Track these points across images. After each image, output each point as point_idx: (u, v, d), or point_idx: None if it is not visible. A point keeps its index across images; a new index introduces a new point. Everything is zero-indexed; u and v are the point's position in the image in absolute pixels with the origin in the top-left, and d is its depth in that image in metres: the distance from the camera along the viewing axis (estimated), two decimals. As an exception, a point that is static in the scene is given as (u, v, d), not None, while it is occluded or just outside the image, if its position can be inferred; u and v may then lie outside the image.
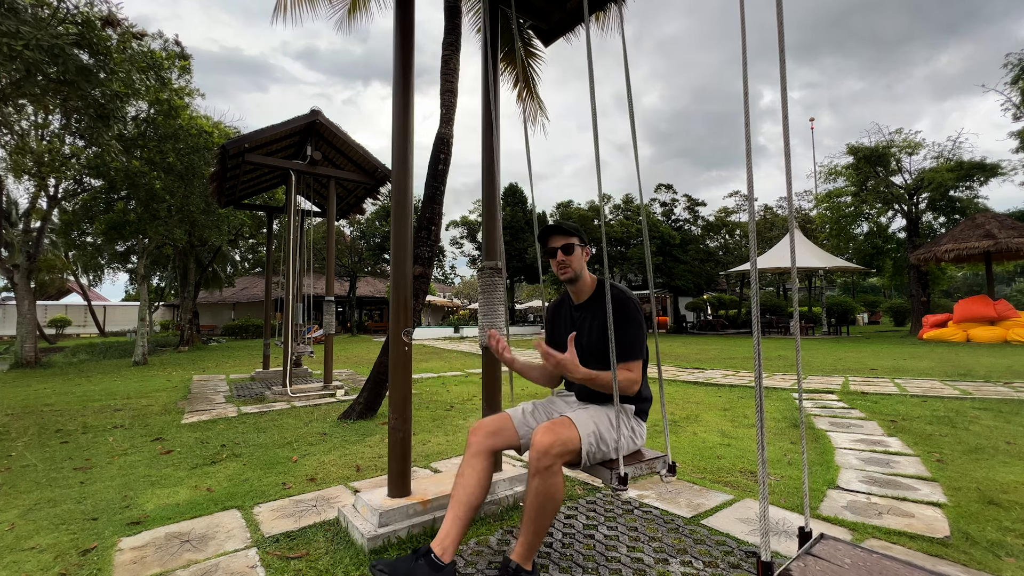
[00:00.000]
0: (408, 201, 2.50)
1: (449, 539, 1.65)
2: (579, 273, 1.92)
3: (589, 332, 1.89)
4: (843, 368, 7.85)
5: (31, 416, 5.16)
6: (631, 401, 1.85)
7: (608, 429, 1.73)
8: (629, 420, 1.82)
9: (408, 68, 2.50)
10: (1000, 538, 2.01)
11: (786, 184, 1.22)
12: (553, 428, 1.63)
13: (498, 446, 1.85)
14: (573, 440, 1.63)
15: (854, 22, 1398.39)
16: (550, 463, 1.56)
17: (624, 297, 1.81)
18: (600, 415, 1.76)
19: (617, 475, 1.60)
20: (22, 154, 8.32)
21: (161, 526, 2.29)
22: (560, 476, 1.60)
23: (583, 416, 1.73)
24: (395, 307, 2.45)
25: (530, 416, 1.94)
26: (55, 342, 21.89)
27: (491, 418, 1.92)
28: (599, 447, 1.69)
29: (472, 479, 1.74)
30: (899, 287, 24.72)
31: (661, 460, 1.79)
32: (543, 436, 1.59)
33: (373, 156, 6.62)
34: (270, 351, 8.31)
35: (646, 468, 1.74)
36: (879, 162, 17.44)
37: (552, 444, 1.57)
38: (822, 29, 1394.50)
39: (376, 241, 26.48)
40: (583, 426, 1.68)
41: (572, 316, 1.99)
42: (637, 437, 1.85)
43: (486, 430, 1.84)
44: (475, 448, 1.81)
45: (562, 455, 1.59)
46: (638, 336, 1.79)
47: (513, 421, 1.91)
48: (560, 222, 1.96)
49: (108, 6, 7.37)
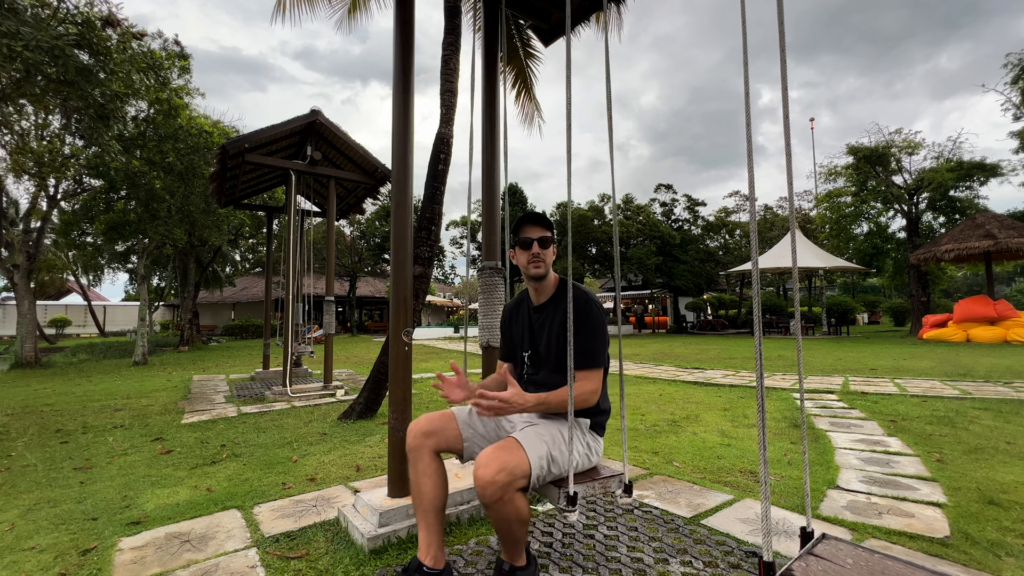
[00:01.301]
0: (408, 201, 2.50)
1: (433, 547, 1.60)
2: (549, 271, 1.79)
3: (548, 336, 1.74)
4: (843, 368, 7.85)
5: (31, 416, 5.16)
6: (587, 414, 1.69)
7: (560, 448, 1.57)
8: (584, 435, 1.68)
9: (408, 68, 2.50)
10: (1000, 538, 2.01)
11: (787, 184, 1.22)
12: (498, 455, 1.43)
13: (439, 447, 1.69)
14: (522, 466, 1.44)
15: (853, 19, 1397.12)
16: (499, 495, 1.39)
17: (586, 299, 1.64)
18: (552, 431, 1.59)
19: (566, 494, 1.45)
20: (22, 154, 8.31)
21: (161, 526, 2.29)
22: (515, 502, 1.44)
23: (532, 437, 1.54)
24: (395, 307, 2.45)
25: (477, 418, 1.77)
26: (55, 342, 21.89)
27: (428, 416, 1.74)
28: (550, 470, 1.53)
29: (426, 485, 1.64)
30: (899, 287, 24.71)
31: (617, 479, 1.64)
32: (486, 467, 1.40)
33: (373, 156, 6.62)
34: (270, 351, 8.31)
35: (600, 488, 1.59)
36: (879, 162, 17.44)
37: (496, 474, 1.39)
38: (820, 27, 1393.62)
39: (376, 241, 26.49)
40: (532, 449, 1.49)
41: (530, 318, 1.83)
42: (593, 454, 1.69)
43: (421, 430, 1.69)
44: (413, 451, 1.68)
45: (511, 484, 1.41)
46: (599, 342, 1.63)
47: (457, 421, 1.74)
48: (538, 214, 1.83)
49: (108, 6, 7.37)
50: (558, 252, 1.86)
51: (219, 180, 6.51)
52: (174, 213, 11.37)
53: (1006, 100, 16.16)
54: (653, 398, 5.59)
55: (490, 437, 1.75)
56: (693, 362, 9.40)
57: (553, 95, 7.30)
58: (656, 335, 21.49)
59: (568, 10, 1.57)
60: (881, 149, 17.33)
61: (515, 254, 1.80)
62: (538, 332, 1.79)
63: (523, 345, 1.85)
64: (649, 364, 9.24)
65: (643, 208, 24.72)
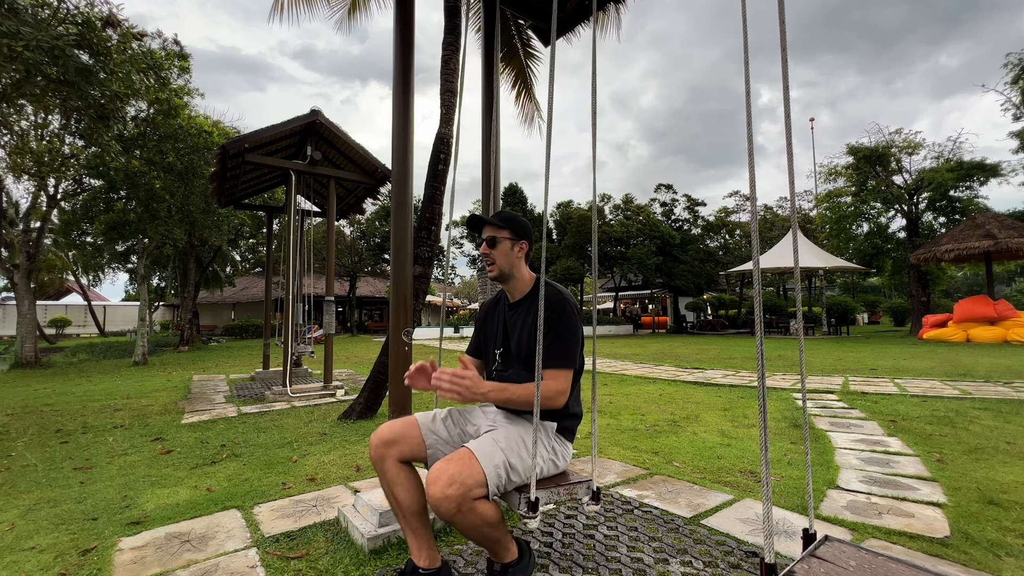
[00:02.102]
0: (408, 201, 2.50)
1: (423, 548, 1.59)
2: (506, 271, 1.72)
3: (519, 333, 1.70)
4: (843, 368, 7.85)
5: (31, 416, 5.16)
6: (554, 417, 1.64)
7: (521, 453, 1.52)
8: (549, 439, 1.62)
9: (408, 68, 2.50)
10: (1000, 538, 2.01)
11: (789, 184, 1.22)
12: (447, 469, 1.39)
13: (403, 455, 1.63)
14: (475, 477, 1.40)
15: (852, 16, 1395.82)
16: (455, 508, 1.35)
17: (560, 298, 1.60)
18: (513, 437, 1.55)
19: (527, 500, 1.40)
20: (22, 154, 8.31)
21: (161, 526, 2.29)
22: (477, 510, 1.40)
23: (487, 445, 1.49)
24: (395, 307, 2.45)
25: (440, 423, 1.72)
26: (55, 342, 21.90)
27: (389, 424, 1.69)
28: (509, 477, 1.48)
29: (399, 493, 1.60)
30: (899, 287, 24.74)
31: (584, 485, 1.58)
32: (436, 483, 1.36)
33: (373, 156, 6.62)
34: (270, 351, 8.31)
35: (565, 493, 1.55)
36: (879, 162, 17.45)
37: (447, 488, 1.35)
38: (819, 25, 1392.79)
39: (376, 241, 26.49)
40: (487, 458, 1.45)
41: (505, 316, 1.79)
42: (559, 458, 1.64)
43: (381, 439, 1.63)
44: (376, 462, 1.63)
45: (464, 496, 1.36)
46: (570, 342, 1.58)
47: (420, 428, 1.69)
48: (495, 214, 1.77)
49: (108, 7, 7.37)
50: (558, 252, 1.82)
51: (219, 180, 6.51)
52: (174, 213, 11.37)
53: (1006, 100, 16.17)
54: (653, 398, 5.59)
55: (454, 443, 1.69)
56: (693, 362, 9.40)
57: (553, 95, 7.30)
58: (656, 335, 21.50)
59: (554, 21, 1.57)
60: (881, 149, 17.34)
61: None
62: (511, 329, 1.75)
63: (496, 342, 1.81)
64: (649, 364, 9.24)
65: (643, 208, 24.71)
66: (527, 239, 1.74)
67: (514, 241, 1.72)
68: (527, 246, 1.75)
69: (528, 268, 1.80)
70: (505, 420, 1.68)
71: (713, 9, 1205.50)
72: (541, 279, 1.53)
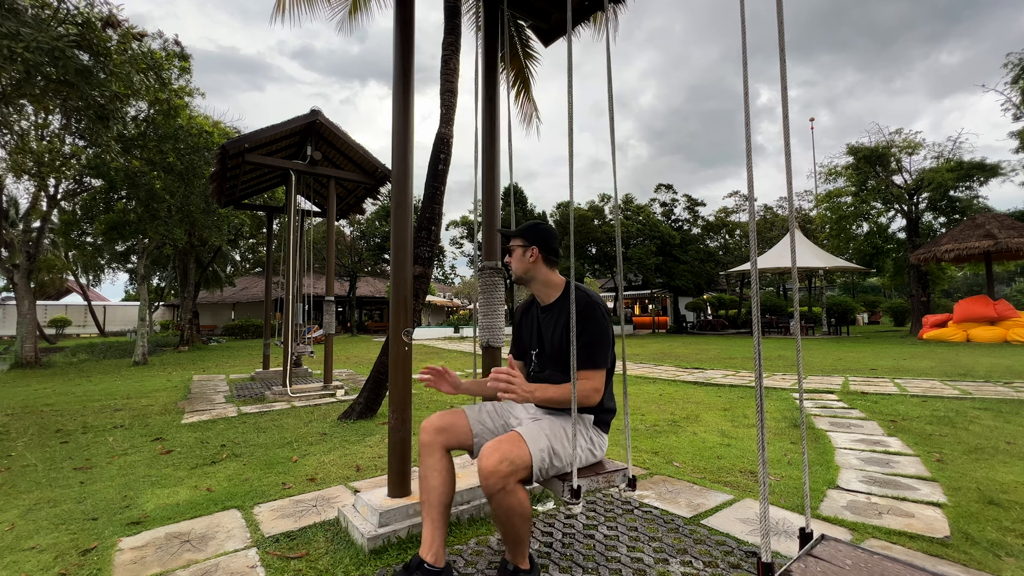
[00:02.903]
0: (408, 201, 2.50)
1: (436, 544, 1.63)
2: (521, 274, 1.86)
3: (552, 335, 1.81)
4: (843, 368, 7.85)
5: (31, 416, 5.16)
6: (591, 411, 1.75)
7: (563, 443, 1.63)
8: (587, 431, 1.73)
9: (408, 68, 2.50)
10: (1000, 538, 2.01)
11: (787, 184, 1.22)
12: (500, 447, 1.53)
13: (450, 444, 1.76)
14: (523, 457, 1.53)
15: (852, 14, 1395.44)
16: (501, 484, 1.47)
17: (589, 301, 1.69)
18: (555, 426, 1.67)
19: (570, 487, 1.51)
20: (22, 154, 8.31)
21: (161, 526, 2.29)
22: (517, 494, 1.51)
23: (534, 431, 1.62)
24: (395, 307, 2.45)
25: (486, 415, 1.86)
26: (55, 342, 21.89)
27: (442, 413, 1.83)
28: (552, 463, 1.60)
29: (435, 480, 1.69)
30: (899, 287, 24.73)
31: (621, 473, 1.69)
32: (488, 458, 1.50)
33: (373, 156, 6.62)
34: (270, 351, 8.31)
35: (604, 481, 1.65)
36: (879, 162, 17.44)
37: (499, 464, 1.48)
38: (817, 24, 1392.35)
39: (376, 241, 26.47)
40: (534, 442, 1.57)
41: (538, 319, 1.90)
42: (597, 448, 1.75)
43: (434, 426, 1.76)
44: (426, 446, 1.74)
45: (512, 474, 1.49)
46: (602, 343, 1.68)
47: (468, 418, 1.82)
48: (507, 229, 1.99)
49: (109, 7, 7.37)
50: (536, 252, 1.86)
51: (219, 180, 6.51)
52: (174, 213, 11.37)
53: (1006, 100, 16.16)
54: (653, 398, 5.59)
55: (498, 432, 1.80)
56: (693, 362, 9.40)
57: (550, 95, 7.30)
58: (656, 335, 21.49)
59: (569, 11, 1.57)
60: (881, 149, 17.33)
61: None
62: (545, 331, 1.85)
63: (531, 344, 1.92)
64: (649, 364, 9.24)
65: (643, 208, 24.71)
66: (536, 244, 1.84)
67: (525, 248, 1.84)
68: (537, 251, 1.84)
69: (557, 272, 1.90)
70: (545, 412, 1.80)
71: (711, 8, 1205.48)
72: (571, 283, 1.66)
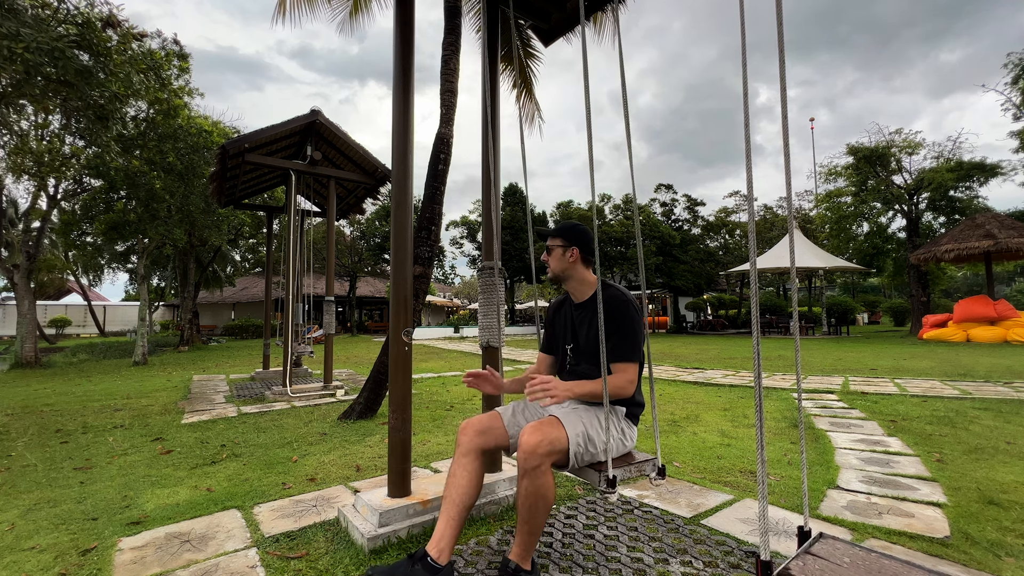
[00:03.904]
0: (408, 201, 2.50)
1: (444, 540, 1.65)
2: (559, 273, 1.93)
3: (588, 331, 1.88)
4: (843, 368, 7.85)
5: (31, 416, 5.16)
6: (622, 403, 1.82)
7: (597, 430, 1.71)
8: (619, 422, 1.80)
9: (408, 68, 2.50)
10: (1000, 538, 2.01)
11: (786, 184, 1.22)
12: (540, 428, 1.61)
13: (488, 445, 1.82)
14: (561, 440, 1.61)
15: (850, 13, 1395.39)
16: (538, 463, 1.55)
17: (622, 299, 1.79)
18: (589, 416, 1.74)
19: (606, 477, 1.57)
20: (22, 154, 8.31)
21: (161, 526, 2.29)
22: (549, 476, 1.59)
23: (572, 416, 1.71)
24: (395, 307, 2.45)
25: (520, 415, 1.93)
26: (55, 342, 21.89)
27: (481, 416, 1.90)
28: (587, 448, 1.67)
29: (464, 479, 1.74)
30: (899, 287, 24.73)
31: (651, 463, 1.77)
32: (530, 436, 1.58)
33: (373, 156, 6.62)
34: (270, 351, 8.31)
35: (635, 471, 1.72)
36: (879, 162, 17.44)
37: (539, 444, 1.56)
38: (816, 23, 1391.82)
39: (376, 241, 26.46)
40: (571, 426, 1.66)
41: (572, 315, 1.98)
42: (627, 439, 1.82)
43: (475, 429, 1.82)
44: (465, 447, 1.79)
45: (550, 455, 1.58)
46: (634, 339, 1.76)
47: (503, 420, 1.89)
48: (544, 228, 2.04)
49: (109, 7, 7.37)
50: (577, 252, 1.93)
51: (219, 180, 6.51)
52: (174, 213, 11.37)
53: (1006, 100, 16.16)
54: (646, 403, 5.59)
55: None
56: (693, 362, 9.40)
57: (550, 95, 7.30)
58: (656, 335, 21.49)
59: (582, 11, 1.57)
60: (881, 149, 17.33)
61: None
62: (579, 327, 1.92)
63: (566, 339, 2.00)
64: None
65: (643, 208, 24.72)
66: (577, 245, 1.91)
67: (565, 248, 1.91)
68: (577, 252, 1.91)
69: (591, 271, 1.96)
70: (578, 403, 1.85)
71: (710, 6, 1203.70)
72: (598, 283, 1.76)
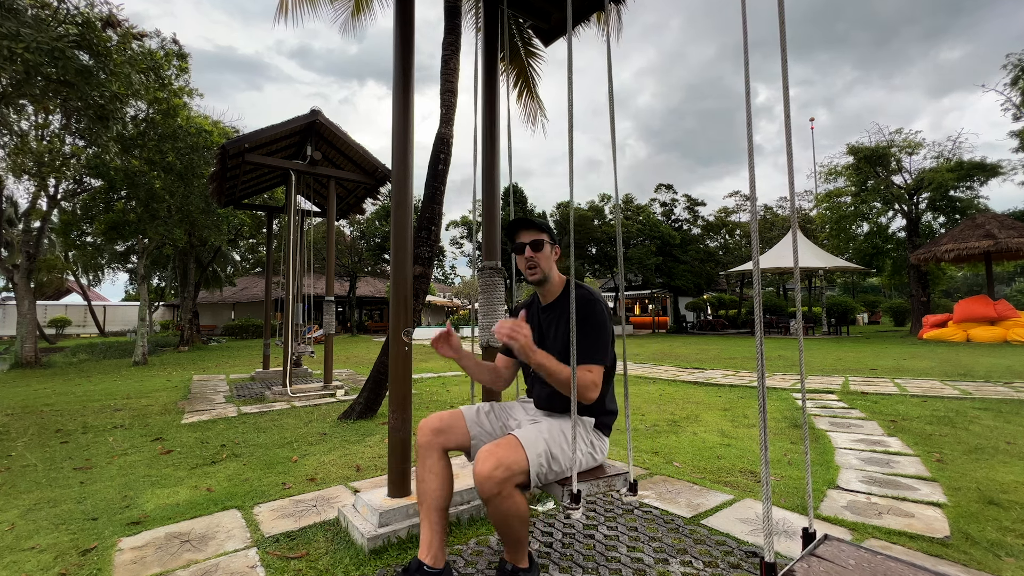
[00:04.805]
0: (408, 201, 2.50)
1: (434, 546, 1.61)
2: (547, 274, 1.80)
3: (555, 333, 1.78)
4: (843, 368, 7.85)
5: (31, 416, 5.16)
6: (591, 413, 1.72)
7: (563, 445, 1.60)
8: (588, 434, 1.70)
9: (408, 68, 2.50)
10: (1000, 538, 2.01)
11: (788, 184, 1.22)
12: (495, 452, 1.48)
13: (448, 445, 1.73)
14: (519, 462, 1.48)
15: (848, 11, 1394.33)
16: (497, 490, 1.43)
17: (591, 298, 1.69)
18: (554, 430, 1.63)
19: (570, 492, 1.46)
20: (22, 154, 8.31)
21: (161, 526, 2.29)
22: (514, 497, 1.48)
23: (532, 434, 1.58)
24: (395, 307, 2.45)
25: (484, 417, 1.82)
26: (55, 342, 21.88)
27: (439, 414, 1.78)
28: (551, 468, 1.56)
29: (432, 482, 1.66)
30: (899, 287, 24.74)
31: (622, 477, 1.65)
32: (483, 463, 1.45)
33: (373, 156, 6.62)
34: (270, 351, 8.30)
35: (604, 486, 1.61)
36: (879, 162, 17.44)
37: (494, 470, 1.43)
38: (815, 21, 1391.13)
39: (376, 241, 26.47)
40: (531, 446, 1.53)
41: (540, 318, 1.87)
42: (597, 452, 1.72)
43: (432, 427, 1.73)
44: (423, 448, 1.71)
45: (508, 480, 1.45)
46: (602, 339, 1.66)
47: (465, 420, 1.78)
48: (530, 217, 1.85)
49: (109, 7, 7.36)
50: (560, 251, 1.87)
51: (219, 180, 6.51)
52: (174, 213, 11.37)
53: (1006, 100, 16.17)
54: (653, 398, 5.59)
55: (496, 435, 1.77)
56: (693, 362, 9.40)
57: (550, 94, 7.29)
58: (656, 335, 21.49)
59: (569, 20, 1.57)
60: (881, 149, 17.33)
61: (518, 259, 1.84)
62: (546, 330, 1.83)
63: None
64: (649, 364, 9.23)
65: (643, 208, 24.72)
66: (557, 243, 1.85)
67: (552, 245, 1.82)
68: (559, 250, 1.85)
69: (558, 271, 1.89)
70: (545, 415, 1.78)
71: (707, 5, 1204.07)
72: (571, 280, 1.65)
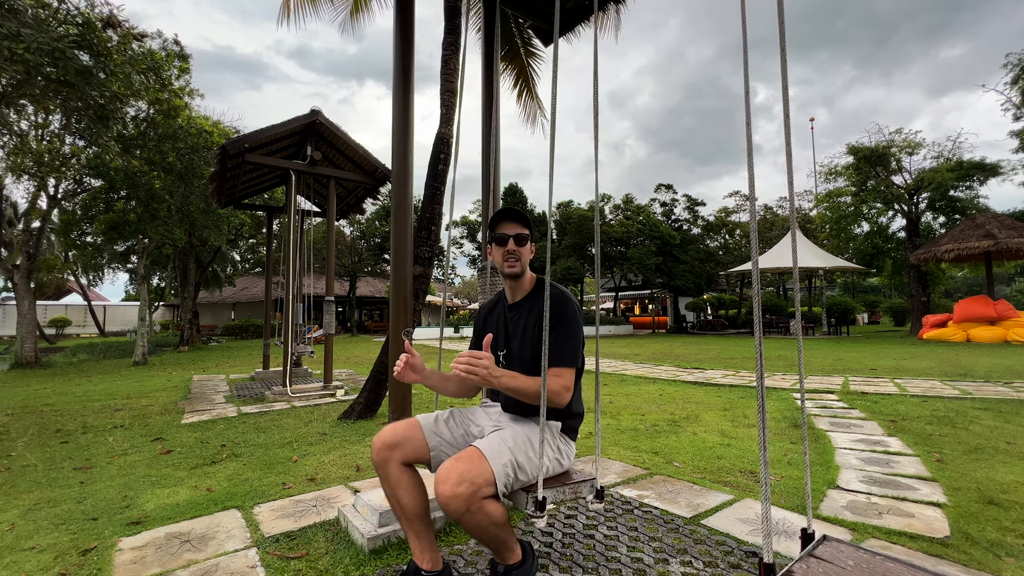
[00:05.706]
0: (408, 201, 2.50)
1: (427, 551, 1.59)
2: (525, 270, 1.72)
3: (522, 334, 1.69)
4: (843, 368, 7.85)
5: (31, 416, 5.16)
6: (558, 417, 1.66)
7: (528, 452, 1.53)
8: (554, 439, 1.64)
9: (408, 68, 2.50)
10: (1000, 538, 2.01)
11: (788, 184, 1.22)
12: (456, 467, 1.39)
13: (407, 458, 1.62)
14: (484, 475, 1.40)
15: (847, 9, 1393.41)
16: (464, 507, 1.35)
17: (563, 297, 1.61)
18: (519, 436, 1.56)
19: (534, 499, 1.41)
20: (22, 154, 8.31)
21: (161, 526, 2.29)
22: (485, 509, 1.39)
23: (495, 444, 1.50)
24: (395, 307, 2.45)
25: (444, 425, 1.71)
26: (55, 342, 21.89)
27: (392, 426, 1.67)
28: (517, 477, 1.48)
29: (402, 497, 1.59)
30: (899, 287, 24.74)
31: (588, 484, 1.60)
32: (445, 481, 1.35)
33: (373, 156, 6.62)
34: (270, 351, 8.30)
35: (570, 492, 1.57)
36: (879, 162, 17.45)
37: (457, 486, 1.35)
38: (813, 20, 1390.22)
39: (376, 241, 26.48)
40: (495, 457, 1.45)
41: (506, 317, 1.78)
42: (564, 457, 1.66)
43: (385, 442, 1.61)
44: (379, 466, 1.61)
45: (474, 494, 1.36)
46: (572, 341, 1.59)
47: (423, 429, 1.67)
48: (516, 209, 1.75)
49: (109, 7, 7.37)
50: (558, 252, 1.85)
51: (219, 180, 6.51)
52: (174, 213, 11.37)
53: (1006, 100, 16.17)
54: (653, 398, 5.59)
55: (458, 444, 1.67)
56: (693, 362, 9.40)
57: (550, 93, 7.29)
58: (656, 335, 21.50)
59: (556, 26, 1.57)
60: (881, 149, 17.33)
61: (491, 250, 1.73)
62: (512, 331, 1.74)
63: (498, 345, 1.78)
64: (649, 364, 9.24)
65: (643, 208, 24.72)
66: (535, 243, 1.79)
67: (533, 241, 1.76)
68: (535, 248, 1.79)
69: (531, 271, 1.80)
70: (510, 420, 1.70)
71: (706, 4, 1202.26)
72: (546, 279, 1.56)
